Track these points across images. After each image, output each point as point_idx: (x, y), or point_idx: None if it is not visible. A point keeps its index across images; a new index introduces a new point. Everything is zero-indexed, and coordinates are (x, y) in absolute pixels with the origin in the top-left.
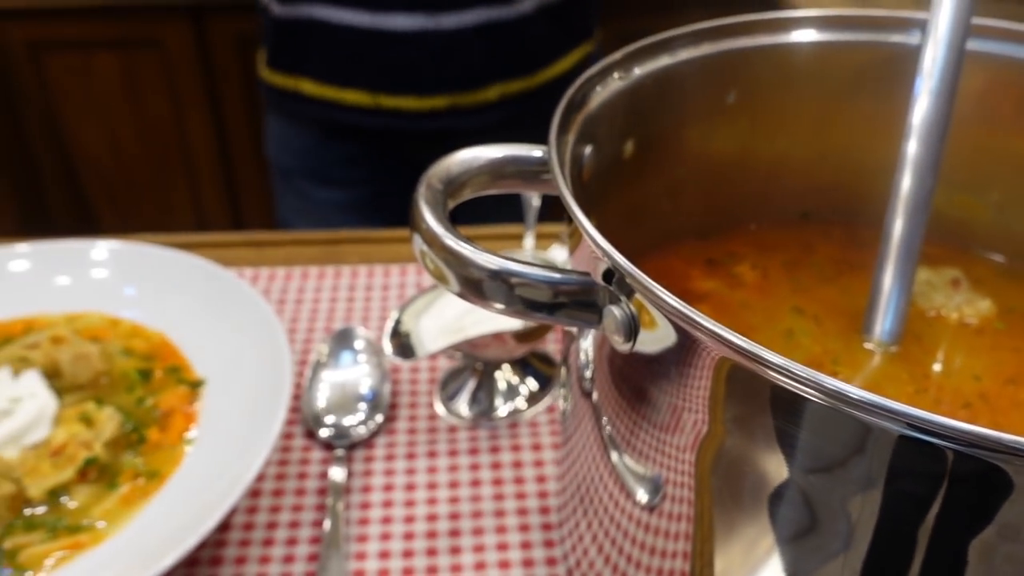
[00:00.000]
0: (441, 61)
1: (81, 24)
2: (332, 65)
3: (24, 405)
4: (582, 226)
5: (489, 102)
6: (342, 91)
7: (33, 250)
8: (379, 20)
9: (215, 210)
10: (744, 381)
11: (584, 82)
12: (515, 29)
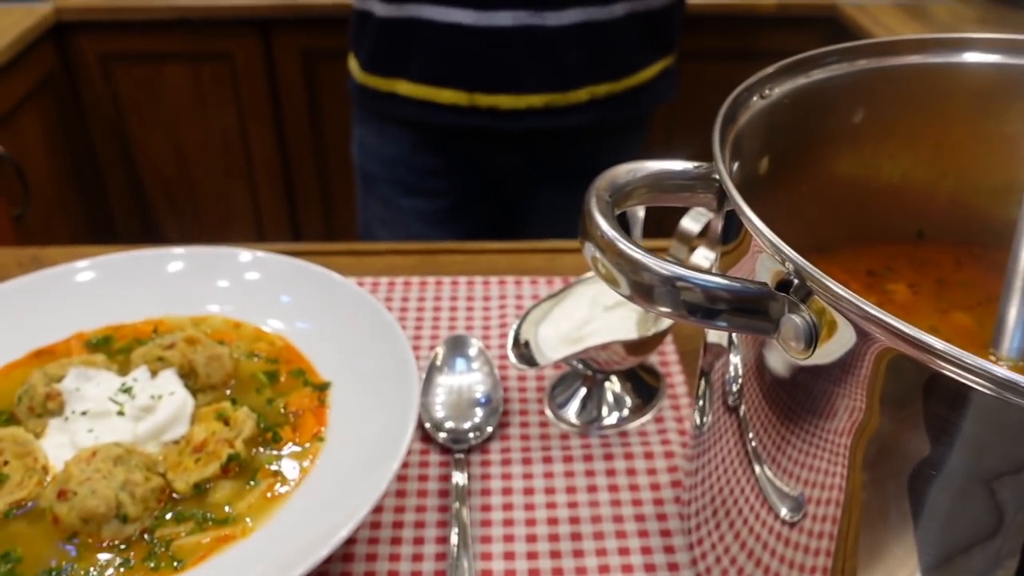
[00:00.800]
0: (539, 59)
1: (152, 37)
2: (432, 64)
3: (164, 403)
4: (763, 236)
5: (580, 103)
6: (439, 91)
7: (155, 255)
8: (484, 17)
9: (273, 220)
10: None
11: (734, 99)
12: (608, 32)
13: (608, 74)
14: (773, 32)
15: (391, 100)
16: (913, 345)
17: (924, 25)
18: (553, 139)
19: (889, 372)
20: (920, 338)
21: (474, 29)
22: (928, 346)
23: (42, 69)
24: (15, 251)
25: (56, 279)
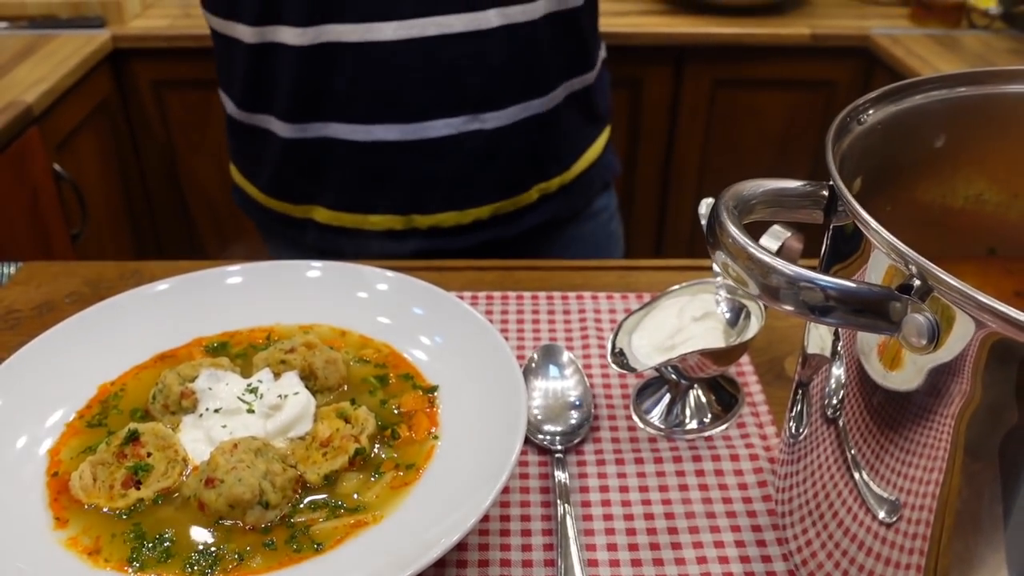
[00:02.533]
0: (483, 167)
1: (202, 65)
2: (354, 189)
3: (290, 402)
4: (887, 241)
5: (531, 203)
6: (367, 217)
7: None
8: (413, 131)
9: None
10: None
11: (840, 123)
12: (551, 122)
13: (556, 166)
14: (807, 62)
15: (306, 227)
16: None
17: (956, 55)
18: (503, 249)
19: (990, 353)
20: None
21: (403, 144)
22: None
23: (99, 94)
24: (118, 265)
25: (175, 289)
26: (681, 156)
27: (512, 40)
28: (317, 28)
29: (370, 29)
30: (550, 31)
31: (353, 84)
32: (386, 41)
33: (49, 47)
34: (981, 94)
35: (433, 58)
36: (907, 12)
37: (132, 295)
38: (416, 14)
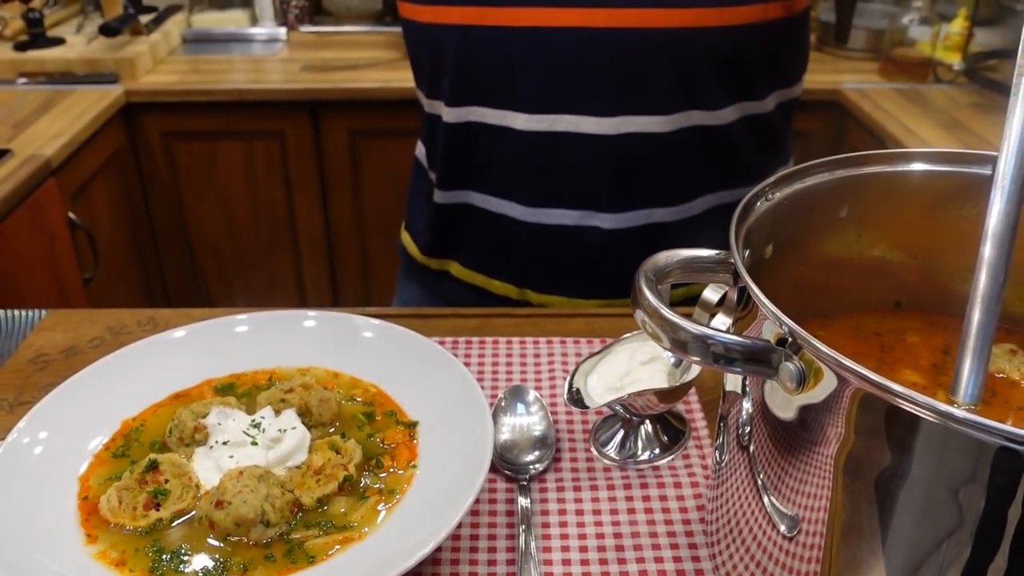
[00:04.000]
0: (592, 264)
1: (211, 117)
2: (482, 253)
3: (288, 436)
4: (766, 306)
5: None
6: (490, 280)
7: (267, 317)
8: (532, 213)
9: (315, 285)
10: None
11: (746, 203)
12: (679, 233)
13: None
14: None
15: (443, 278)
16: (874, 386)
17: (920, 109)
18: None
19: (859, 405)
20: (879, 381)
21: (523, 224)
22: (885, 387)
23: (112, 146)
24: (135, 313)
25: (188, 336)
26: None
27: (639, 146)
28: (463, 108)
29: (505, 116)
30: (686, 143)
31: (488, 161)
32: (517, 129)
33: (66, 102)
34: (875, 172)
35: (556, 151)
36: (877, 67)
37: (149, 342)
38: (546, 109)
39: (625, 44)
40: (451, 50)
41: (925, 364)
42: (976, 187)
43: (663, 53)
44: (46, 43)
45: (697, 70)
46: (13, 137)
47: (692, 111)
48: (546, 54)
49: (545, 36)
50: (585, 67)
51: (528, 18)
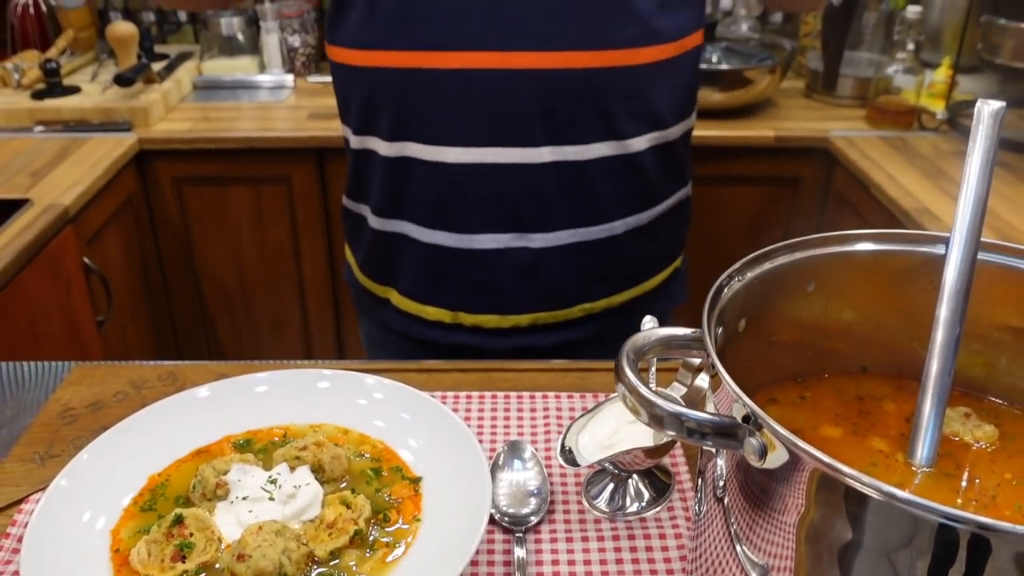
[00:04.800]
0: (524, 281)
1: (221, 163)
2: (417, 281)
3: (303, 491)
4: (732, 389)
5: (572, 319)
6: (424, 307)
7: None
8: (464, 240)
9: (319, 325)
10: (831, 484)
11: (718, 286)
12: (602, 250)
13: (603, 290)
14: (774, 161)
15: (385, 307)
16: (825, 465)
17: (904, 157)
18: (540, 354)
19: (814, 480)
20: (829, 462)
21: (456, 250)
22: (835, 467)
23: (126, 191)
24: (155, 367)
25: (208, 395)
26: None
27: (563, 174)
28: (399, 144)
29: (439, 151)
30: (608, 173)
31: (423, 191)
32: (450, 162)
33: (82, 150)
34: (834, 252)
35: (487, 181)
36: (864, 114)
37: (173, 401)
38: (477, 143)
39: (548, 83)
40: (389, 91)
41: (894, 433)
42: (929, 264)
43: (582, 90)
44: (62, 92)
45: (612, 105)
46: (32, 186)
47: (609, 141)
48: (477, 94)
49: (476, 78)
50: (513, 105)
51: (460, 61)
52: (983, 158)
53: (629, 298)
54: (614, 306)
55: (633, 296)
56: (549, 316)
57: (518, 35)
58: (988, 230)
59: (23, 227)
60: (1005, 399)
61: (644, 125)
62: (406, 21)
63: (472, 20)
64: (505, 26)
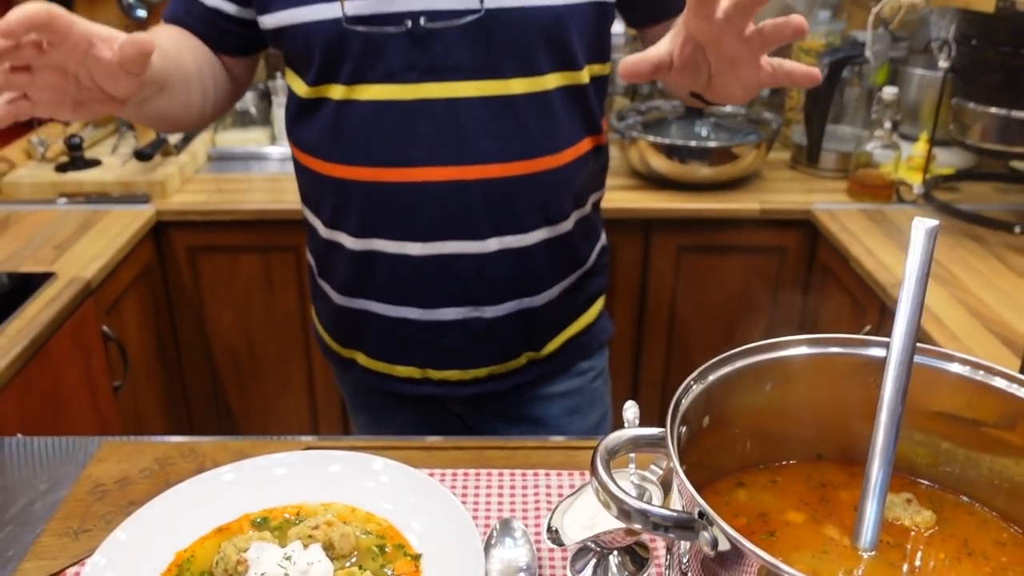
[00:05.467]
0: (481, 344)
1: (233, 233)
2: (385, 347)
3: (315, 568)
4: (688, 489)
5: (520, 367)
6: (394, 367)
7: (299, 458)
8: (428, 314)
9: (325, 390)
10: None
11: (682, 390)
12: (542, 312)
13: (544, 341)
14: (759, 232)
15: (353, 365)
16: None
17: (882, 230)
18: (497, 396)
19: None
20: (769, 560)
21: (420, 323)
22: (775, 566)
23: (143, 261)
24: (178, 445)
25: (229, 476)
26: (652, 313)
27: (508, 259)
28: (366, 240)
29: (402, 245)
30: (545, 252)
31: (388, 280)
32: (412, 255)
33: (103, 222)
34: (787, 355)
35: (445, 269)
36: (846, 187)
37: (196, 481)
38: (435, 239)
39: (491, 189)
40: (356, 199)
41: (848, 522)
42: (871, 365)
43: (520, 192)
44: (84, 165)
45: (547, 199)
46: (56, 258)
47: (545, 227)
48: (433, 201)
49: (432, 188)
50: (466, 207)
51: (418, 175)
52: (918, 272)
53: (566, 339)
54: (554, 350)
55: (569, 337)
56: (502, 367)
57: (464, 152)
58: (959, 305)
59: (48, 300)
60: (945, 485)
61: (571, 207)
62: (369, 143)
63: (425, 141)
64: (453, 145)
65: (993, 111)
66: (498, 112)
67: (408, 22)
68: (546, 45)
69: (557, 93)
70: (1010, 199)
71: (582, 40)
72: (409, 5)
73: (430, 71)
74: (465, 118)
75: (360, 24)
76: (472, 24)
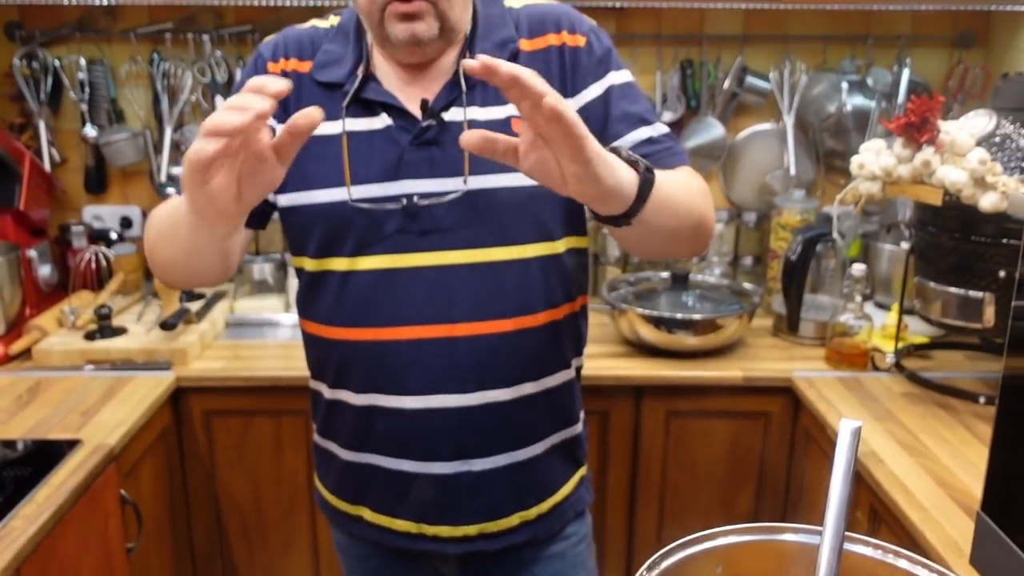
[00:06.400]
0: (472, 496)
1: (247, 398)
2: (387, 500)
3: None
4: None
5: (511, 527)
6: (394, 520)
7: None
8: (423, 466)
9: (328, 549)
10: None
11: (650, 563)
12: (531, 467)
13: (534, 500)
14: (744, 398)
15: (358, 522)
16: None
17: (857, 398)
18: (488, 555)
19: None
20: None
21: (415, 475)
22: None
23: (161, 425)
24: None
25: None
26: (645, 475)
27: (494, 412)
28: (367, 395)
29: (400, 399)
30: (528, 406)
31: (388, 433)
32: (407, 408)
33: (126, 389)
34: (734, 541)
35: (436, 422)
36: (824, 354)
37: None
38: (427, 392)
39: (480, 345)
40: (358, 358)
41: None
42: (809, 550)
43: (502, 348)
44: (111, 333)
45: (529, 356)
46: (82, 425)
47: (528, 382)
48: (426, 356)
49: (425, 344)
50: (455, 362)
51: (411, 334)
52: (845, 468)
53: (554, 504)
54: (544, 512)
55: (556, 502)
56: (493, 526)
57: (452, 312)
58: (927, 475)
59: (74, 468)
60: None
61: (552, 365)
62: (369, 308)
63: (418, 304)
64: (442, 306)
65: (952, 290)
66: (482, 277)
67: (404, 200)
68: (523, 219)
69: (535, 262)
70: (980, 367)
71: (556, 215)
72: (404, 188)
73: (422, 240)
74: (453, 282)
75: (363, 203)
76: (457, 201)
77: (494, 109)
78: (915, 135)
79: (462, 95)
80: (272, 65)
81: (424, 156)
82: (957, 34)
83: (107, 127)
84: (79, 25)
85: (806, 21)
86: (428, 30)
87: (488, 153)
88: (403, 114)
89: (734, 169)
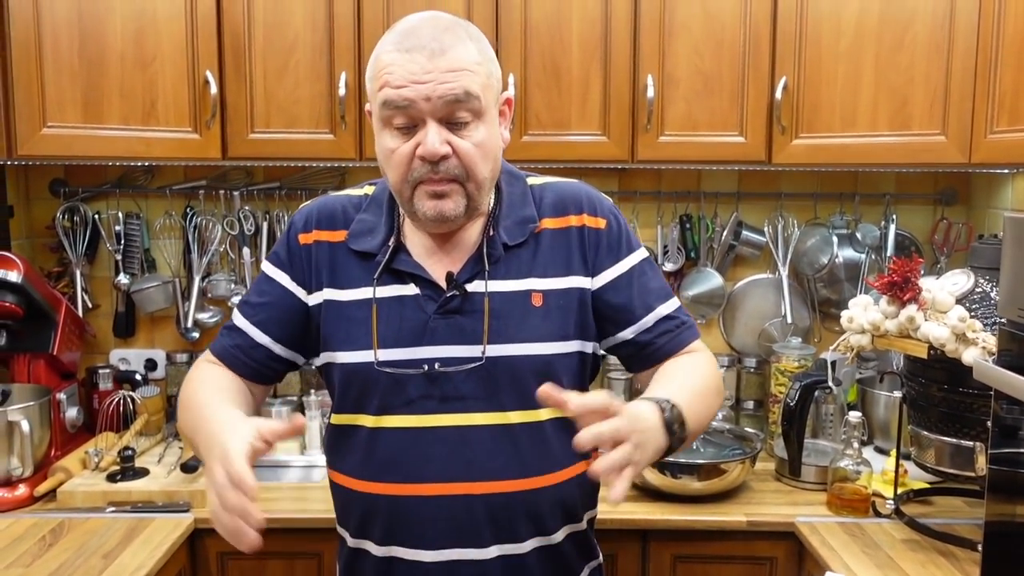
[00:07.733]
0: None
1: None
2: None
3: None
4: None
5: None
6: None
7: None
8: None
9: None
10: None
11: None
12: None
13: None
14: (748, 542)
15: None
16: None
17: (858, 545)
18: None
19: None
20: None
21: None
22: None
23: (178, 566)
24: None
25: None
26: None
27: (506, 565)
28: (387, 547)
29: (417, 553)
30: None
31: None
32: (425, 562)
33: (147, 532)
34: None
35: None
36: (825, 499)
37: None
38: (445, 547)
39: (496, 502)
40: (381, 511)
41: None
42: None
43: (517, 504)
44: (133, 475)
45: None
46: (103, 569)
47: (538, 537)
48: (445, 512)
49: (444, 501)
50: (472, 518)
51: (432, 490)
52: None
53: None
54: None
55: None
56: None
57: (471, 471)
58: None
59: None
60: None
61: (563, 521)
62: (392, 464)
63: (439, 462)
64: (461, 465)
65: (945, 439)
66: (500, 438)
67: (425, 366)
68: (539, 384)
69: (550, 424)
70: (979, 513)
71: (570, 381)
72: (426, 353)
73: (443, 404)
74: (472, 443)
75: (387, 367)
76: (476, 368)
77: (513, 283)
78: (898, 294)
79: (484, 270)
80: (303, 236)
81: (447, 324)
82: (939, 192)
83: (139, 275)
84: (119, 182)
85: (796, 180)
86: (455, 208)
87: None
88: (430, 284)
89: (733, 316)
